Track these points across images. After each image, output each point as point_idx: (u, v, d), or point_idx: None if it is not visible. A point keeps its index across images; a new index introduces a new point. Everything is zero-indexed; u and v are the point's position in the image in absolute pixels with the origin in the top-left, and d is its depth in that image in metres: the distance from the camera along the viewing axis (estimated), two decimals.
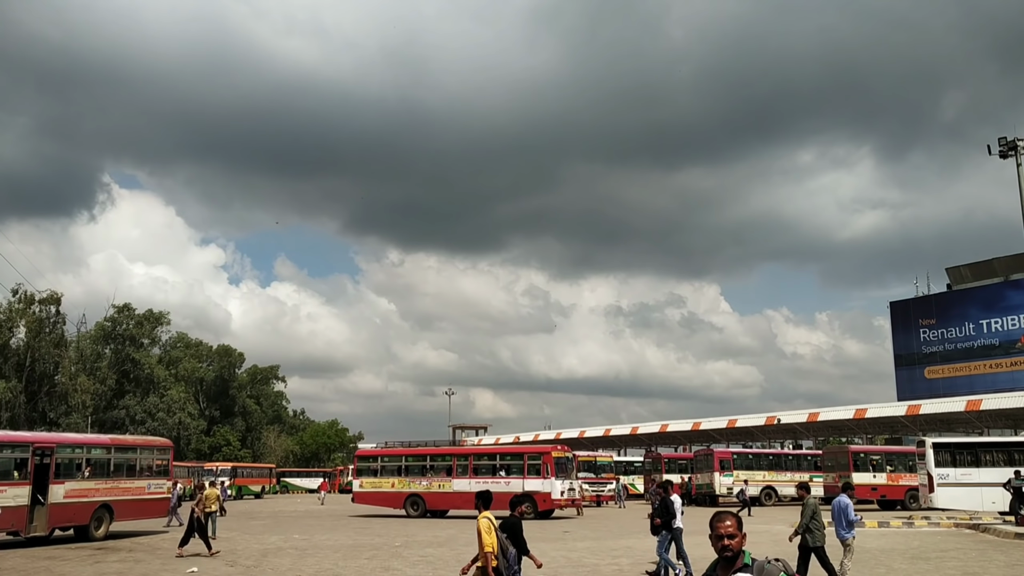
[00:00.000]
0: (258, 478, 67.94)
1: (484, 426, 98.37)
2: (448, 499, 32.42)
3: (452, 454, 35.69)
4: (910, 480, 38.37)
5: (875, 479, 38.86)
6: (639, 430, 65.62)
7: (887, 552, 19.18)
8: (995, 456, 31.53)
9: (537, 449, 34.53)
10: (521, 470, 31.24)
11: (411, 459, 35.62)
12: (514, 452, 35.65)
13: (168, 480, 26.44)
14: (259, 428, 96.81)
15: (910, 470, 39.02)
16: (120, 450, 24.76)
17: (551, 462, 30.50)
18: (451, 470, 32.92)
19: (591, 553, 19.08)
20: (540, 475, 30.45)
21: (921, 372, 57.30)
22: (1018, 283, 49.66)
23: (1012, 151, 28.65)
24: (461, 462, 33.31)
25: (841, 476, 39.02)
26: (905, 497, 38.28)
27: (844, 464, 39.33)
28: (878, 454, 41.45)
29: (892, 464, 39.71)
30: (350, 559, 17.71)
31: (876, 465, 39.46)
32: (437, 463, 34.27)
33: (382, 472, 34.80)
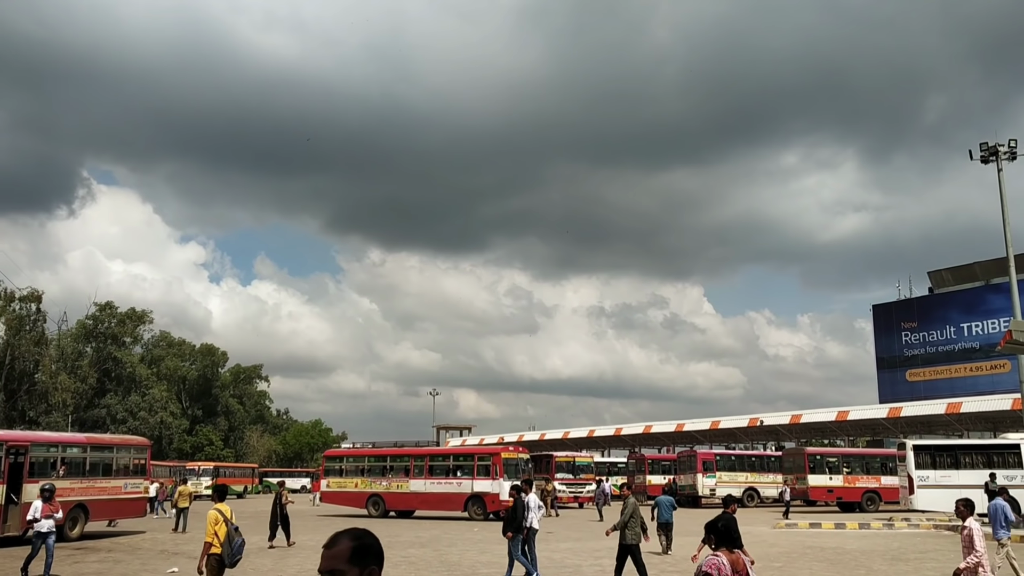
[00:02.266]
0: (240, 478, 67.57)
1: (468, 427, 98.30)
2: (406, 499, 32.83)
3: (410, 455, 36.11)
4: (867, 482, 38.61)
5: (832, 481, 39.02)
6: (623, 431, 65.74)
7: (867, 553, 19.31)
8: (974, 458, 31.80)
9: (487, 450, 34.82)
10: (472, 471, 31.42)
11: (372, 460, 36.42)
12: (466, 453, 36.03)
13: (145, 480, 26.21)
14: (242, 428, 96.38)
15: (867, 472, 39.24)
16: (96, 449, 24.46)
17: (500, 463, 30.68)
18: (409, 471, 33.38)
19: (573, 554, 19.11)
20: (489, 476, 30.57)
21: (903, 375, 57.76)
22: (998, 287, 50.06)
23: (993, 156, 28.81)
24: (418, 463, 33.67)
25: (798, 478, 39.23)
26: (862, 499, 38.46)
27: (801, 466, 39.50)
28: (835, 456, 41.68)
29: (849, 466, 39.89)
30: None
31: (833, 467, 39.60)
32: (396, 464, 34.82)
33: (347, 472, 35.51)
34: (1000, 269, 42.99)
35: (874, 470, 39.92)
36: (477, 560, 17.62)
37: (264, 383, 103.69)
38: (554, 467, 42.47)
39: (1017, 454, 30.52)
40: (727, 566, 5.42)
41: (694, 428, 60.04)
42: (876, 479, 39.32)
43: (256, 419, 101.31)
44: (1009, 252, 28.69)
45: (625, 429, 66.02)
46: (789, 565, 16.95)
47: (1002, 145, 28.75)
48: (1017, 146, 28.80)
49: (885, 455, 42.95)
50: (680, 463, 47.70)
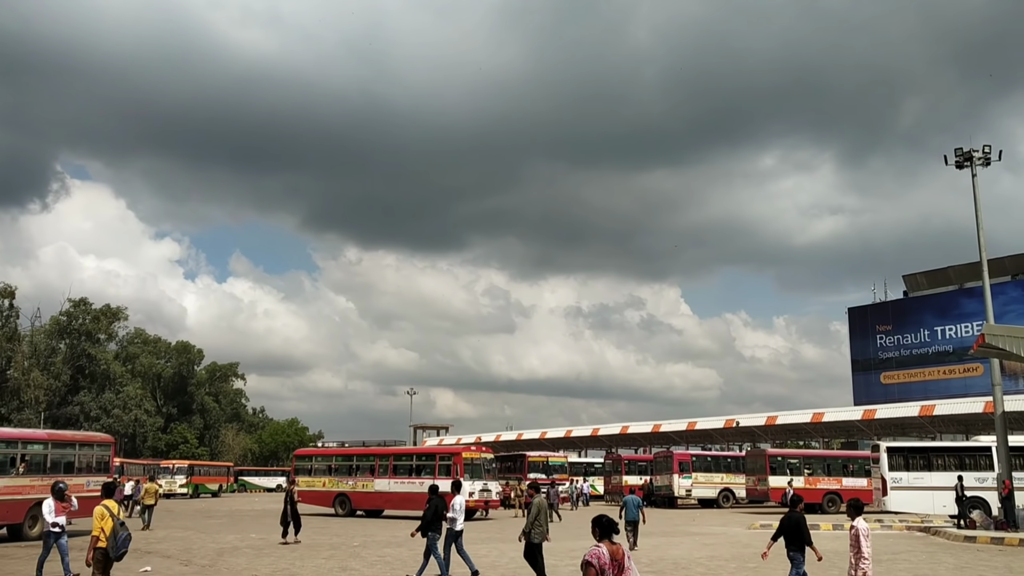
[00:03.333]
0: (215, 476, 67.17)
1: (446, 426, 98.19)
2: (371, 498, 32.89)
3: (375, 455, 36.31)
4: (829, 483, 38.91)
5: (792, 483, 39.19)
6: (600, 431, 65.88)
7: (841, 554, 19.41)
8: (946, 460, 32.11)
9: (448, 450, 34.98)
10: (434, 471, 31.47)
11: (340, 459, 36.80)
12: (427, 453, 36.15)
13: (109, 477, 25.80)
14: (217, 426, 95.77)
15: (829, 474, 39.52)
16: (58, 446, 23.98)
17: (460, 463, 30.77)
18: (374, 470, 33.50)
19: (550, 554, 19.05)
20: (450, 476, 30.59)
21: (877, 377, 58.26)
22: (972, 291, 50.62)
23: (968, 162, 29.09)
24: (383, 462, 33.85)
25: (760, 479, 39.44)
26: (823, 501, 38.69)
27: (762, 467, 39.71)
28: (796, 458, 41.91)
29: (810, 468, 40.14)
30: (307, 559, 17.58)
31: (794, 469, 39.86)
32: (362, 463, 35.02)
33: (316, 472, 35.76)
34: (974, 273, 43.56)
35: (836, 471, 40.18)
36: (453, 560, 17.60)
37: (240, 381, 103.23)
38: (526, 467, 42.35)
39: (988, 456, 30.84)
40: (606, 555, 6.19)
41: (671, 429, 60.27)
42: (838, 480, 39.59)
43: (232, 417, 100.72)
44: (982, 257, 29.00)
45: (602, 430, 66.16)
46: (763, 565, 17.05)
47: (976, 151, 29.03)
48: (991, 152, 29.12)
49: (847, 456, 43.35)
50: (656, 464, 47.86)
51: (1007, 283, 51.24)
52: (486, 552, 19.18)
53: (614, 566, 6.19)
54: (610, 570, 6.15)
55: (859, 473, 39.71)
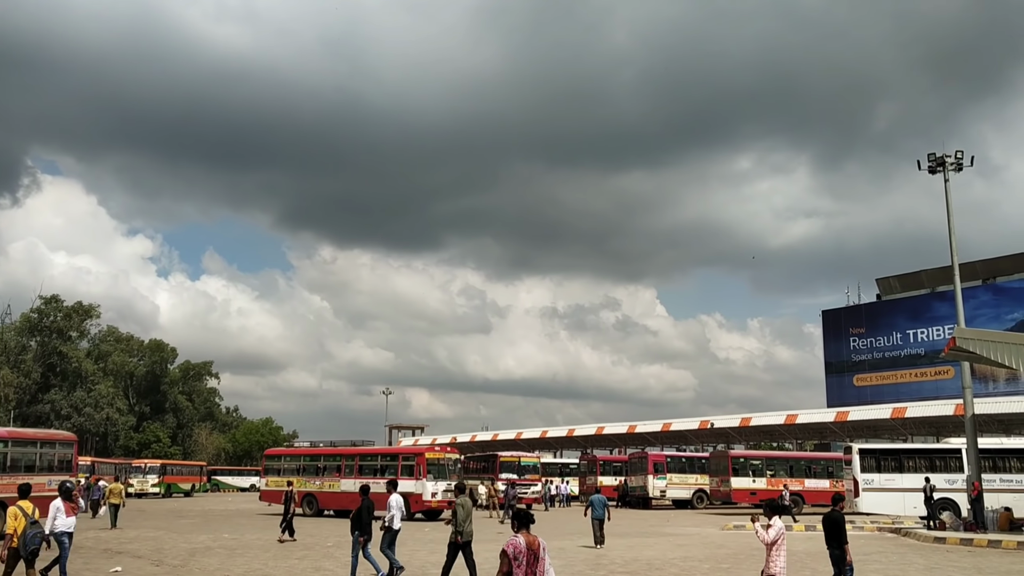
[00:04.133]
0: (188, 476, 66.60)
1: (421, 426, 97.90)
2: (338, 498, 32.74)
3: (341, 455, 36.19)
4: (791, 485, 39.16)
5: (755, 484, 39.60)
6: (575, 432, 65.94)
7: (813, 555, 19.59)
8: (917, 462, 32.44)
9: (412, 450, 34.93)
10: (397, 471, 31.42)
11: (308, 459, 36.62)
12: (391, 453, 36.18)
13: (71, 476, 25.35)
14: (190, 425, 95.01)
15: (791, 475, 39.84)
16: (18, 444, 23.59)
17: (424, 463, 30.79)
18: (340, 470, 33.49)
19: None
20: (414, 476, 30.55)
21: (850, 379, 58.78)
22: (944, 295, 51.19)
23: (940, 167, 29.40)
24: (349, 462, 33.85)
25: (722, 480, 39.69)
26: None
27: (724, 469, 39.95)
28: (758, 459, 42.27)
29: (772, 469, 40.47)
30: (280, 559, 17.48)
31: (756, 470, 40.17)
32: (329, 463, 34.98)
33: (285, 471, 35.73)
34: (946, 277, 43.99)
35: (798, 473, 40.51)
36: (427, 560, 17.56)
37: (214, 380, 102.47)
38: (498, 467, 42.23)
39: (959, 458, 31.21)
40: (522, 545, 6.67)
41: (646, 430, 60.44)
42: (800, 482, 39.89)
43: (205, 416, 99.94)
44: (954, 261, 29.32)
45: (578, 430, 66.22)
46: (737, 566, 17.16)
47: (949, 156, 29.35)
48: (964, 157, 29.45)
49: (809, 458, 43.74)
50: (631, 465, 48.00)
51: (978, 287, 51.89)
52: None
53: (529, 555, 6.65)
54: (524, 558, 6.60)
55: (821, 474, 40.07)
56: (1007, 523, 25.56)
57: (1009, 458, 31.41)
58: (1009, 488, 28.90)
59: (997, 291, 52.45)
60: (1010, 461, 31.26)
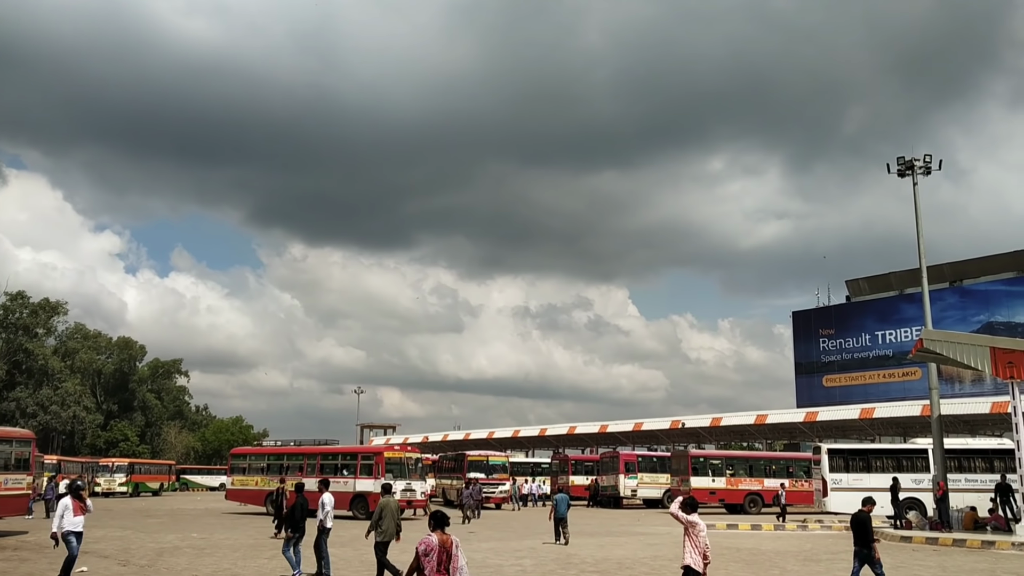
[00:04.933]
0: (157, 475, 65.91)
1: (393, 425, 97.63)
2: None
3: (303, 454, 36.45)
4: (750, 484, 39.52)
5: (714, 483, 39.76)
6: (547, 432, 66.08)
7: (782, 554, 19.76)
8: (885, 462, 32.80)
9: (370, 450, 34.85)
10: (356, 470, 31.46)
11: (272, 458, 36.84)
12: (351, 452, 35.96)
13: (28, 475, 24.78)
14: (159, 423, 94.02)
15: (750, 475, 40.13)
16: None
17: (382, 462, 30.72)
18: (303, 469, 33.35)
19: (495, 554, 19.12)
20: (372, 476, 30.51)
21: (819, 380, 59.33)
22: (912, 297, 51.80)
23: (909, 170, 29.78)
24: (311, 462, 33.86)
25: (682, 480, 39.90)
26: (744, 501, 39.26)
27: (684, 468, 40.13)
28: (718, 459, 42.48)
29: (732, 469, 40.67)
30: (249, 559, 17.35)
31: (716, 470, 40.36)
32: (292, 463, 34.99)
33: (250, 471, 35.83)
34: (914, 279, 44.60)
35: (757, 473, 40.76)
36: (397, 560, 17.48)
37: (183, 378, 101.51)
38: (466, 466, 42.12)
39: (925, 458, 31.61)
40: (435, 543, 7.07)
41: (617, 429, 60.68)
42: (759, 481, 40.18)
43: (174, 415, 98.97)
44: (922, 264, 29.69)
45: (550, 430, 66.37)
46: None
47: (918, 160, 29.73)
48: (932, 161, 29.84)
49: (769, 458, 44.08)
50: (603, 464, 48.13)
51: (945, 290, 52.58)
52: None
53: (441, 552, 7.07)
54: (435, 555, 7.02)
55: (780, 474, 40.37)
56: (972, 523, 25.94)
57: (974, 458, 31.85)
58: (974, 488, 29.29)
59: (964, 294, 53.17)
60: (975, 461, 31.69)
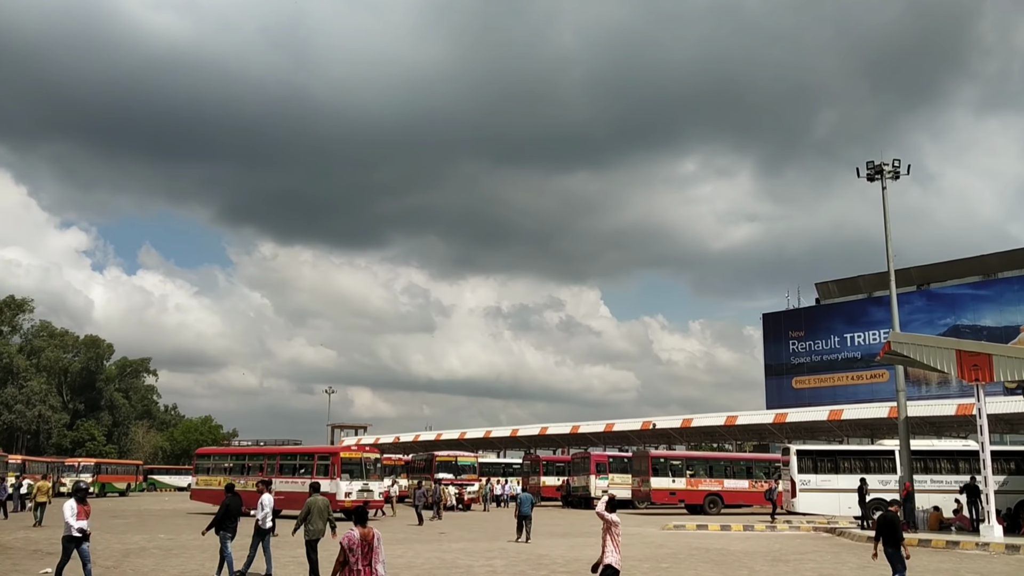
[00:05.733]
0: (124, 475, 65.17)
1: (364, 426, 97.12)
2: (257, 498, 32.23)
3: (263, 454, 36.52)
4: (710, 485, 39.66)
5: (674, 484, 39.77)
6: (519, 432, 66.11)
7: (750, 554, 19.90)
8: (852, 463, 33.13)
9: (327, 450, 34.88)
10: (313, 470, 31.35)
11: (235, 458, 36.95)
12: (308, 452, 35.77)
13: None
14: (127, 423, 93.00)
15: (710, 475, 40.33)
16: None
17: (338, 463, 30.71)
18: (263, 469, 33.34)
19: (465, 554, 19.10)
20: (328, 475, 30.44)
21: (789, 382, 59.88)
22: (880, 300, 52.44)
23: (878, 175, 30.11)
24: (270, 462, 33.88)
25: (643, 480, 40.02)
26: (704, 501, 39.25)
27: (645, 469, 40.19)
28: (678, 459, 42.54)
29: (692, 469, 40.72)
30: (216, 560, 17.17)
31: (676, 470, 40.43)
32: (252, 463, 35.00)
33: (214, 471, 35.75)
34: (882, 283, 45.13)
35: (717, 473, 40.88)
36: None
37: (152, 377, 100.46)
38: (435, 466, 41.94)
39: (892, 460, 31.97)
40: (357, 537, 7.68)
41: (589, 430, 60.84)
42: (719, 482, 40.24)
43: (143, 414, 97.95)
44: (890, 267, 30.03)
45: (521, 430, 66.42)
46: (676, 566, 17.33)
47: (887, 164, 30.06)
48: (900, 166, 30.19)
49: (729, 459, 44.38)
50: (574, 465, 48.19)
51: (913, 293, 53.27)
52: (401, 552, 19.05)
53: (364, 545, 7.69)
54: (359, 548, 7.64)
55: (740, 475, 40.58)
56: (937, 523, 26.28)
57: (939, 460, 32.28)
58: (939, 489, 29.67)
59: (931, 297, 53.91)
60: (940, 463, 32.13)
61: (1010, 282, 50.64)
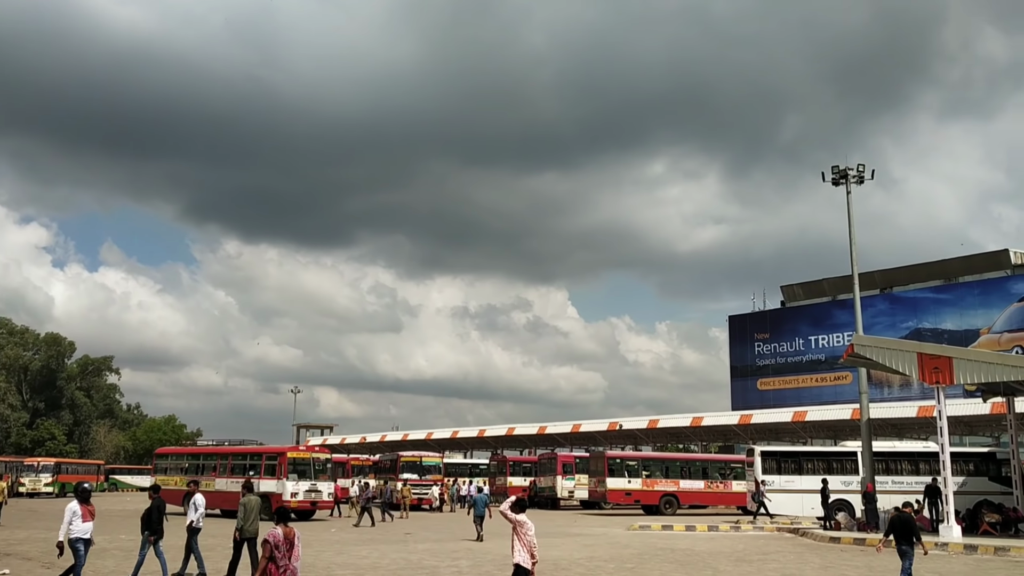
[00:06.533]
0: (84, 475, 64.14)
1: (330, 426, 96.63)
2: (212, 498, 31.79)
3: (216, 453, 36.54)
4: (666, 485, 39.84)
5: (630, 484, 39.80)
6: (486, 433, 66.06)
7: (715, 554, 20.04)
8: (816, 464, 33.51)
9: (274, 450, 34.50)
10: (260, 470, 31.26)
11: (190, 458, 37.08)
12: (256, 452, 35.54)
13: None
14: (88, 422, 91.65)
15: (666, 476, 40.55)
16: None
17: (285, 463, 30.60)
18: (216, 469, 33.41)
19: (431, 555, 19.04)
20: (275, 476, 30.29)
21: (754, 383, 60.42)
22: (844, 303, 53.01)
23: (843, 179, 30.51)
24: (223, 462, 33.86)
25: (599, 481, 40.18)
26: (660, 502, 39.37)
27: (601, 469, 40.31)
28: (634, 460, 42.77)
29: (648, 470, 40.85)
30: (177, 560, 16.96)
31: (632, 471, 40.52)
32: (207, 463, 35.09)
33: (171, 471, 35.73)
34: (846, 286, 45.61)
35: (673, 474, 41.08)
36: (332, 562, 17.34)
37: (114, 376, 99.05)
38: (399, 467, 41.72)
39: (854, 461, 32.36)
40: (280, 535, 8.31)
41: (556, 431, 60.95)
42: (675, 483, 40.41)
43: (105, 413, 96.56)
44: (854, 271, 30.41)
45: (488, 431, 66.36)
46: (641, 566, 17.40)
47: (852, 169, 30.46)
48: (865, 170, 30.59)
49: (684, 459, 44.65)
50: (541, 465, 48.26)
51: (876, 296, 54.03)
52: (367, 553, 18.96)
53: (286, 543, 8.33)
54: (283, 546, 8.28)
55: (697, 475, 40.81)
56: None
57: (900, 461, 32.75)
58: (900, 490, 30.06)
59: (893, 300, 54.67)
60: (901, 464, 32.60)
61: (970, 287, 51.49)
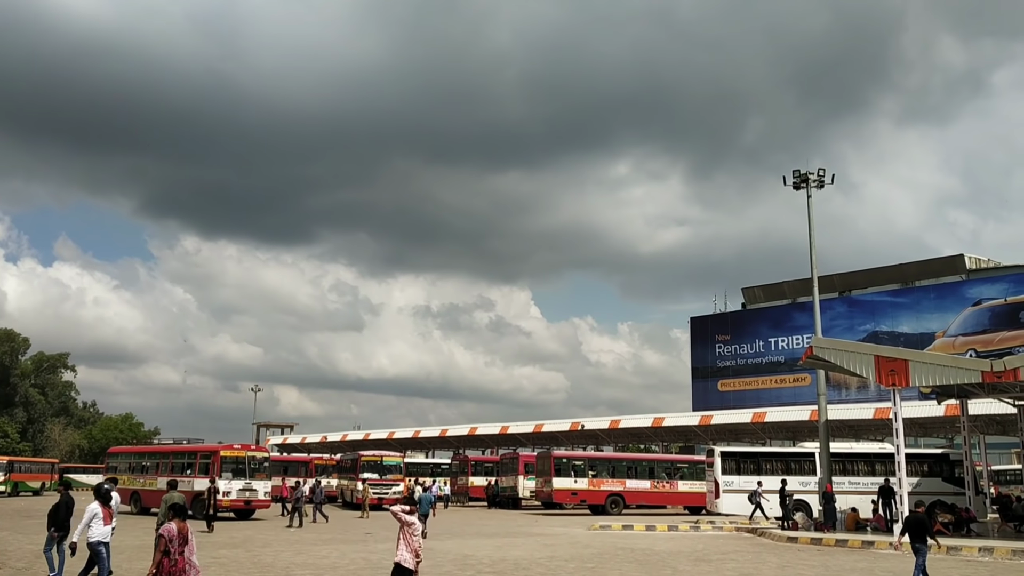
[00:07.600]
0: (38, 474, 63.02)
1: (291, 424, 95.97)
2: (154, 497, 31.50)
3: (158, 452, 36.12)
4: (612, 485, 40.02)
5: (576, 484, 39.86)
6: (448, 432, 65.97)
7: (674, 554, 20.17)
8: (774, 465, 33.91)
9: (208, 448, 34.26)
10: (195, 469, 31.21)
11: (137, 457, 36.82)
12: (191, 451, 35.10)
13: None
14: (42, 420, 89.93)
15: (613, 476, 40.77)
16: None
17: (218, 461, 30.55)
18: (158, 468, 33.36)
19: (391, 555, 18.90)
20: (208, 475, 30.10)
21: (715, 384, 61.01)
22: (803, 305, 53.73)
23: (804, 183, 30.88)
24: (164, 461, 33.80)
25: (545, 481, 40.25)
26: (606, 502, 39.49)
27: (548, 469, 40.31)
28: (581, 460, 42.81)
29: (595, 470, 40.97)
30: (135, 560, 16.76)
31: (578, 470, 40.60)
32: (151, 462, 34.94)
33: (121, 470, 35.65)
34: (806, 289, 46.25)
35: (620, 474, 41.21)
36: (292, 561, 17.20)
37: (70, 373, 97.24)
38: (359, 466, 41.44)
39: (812, 462, 32.79)
40: (174, 530, 8.76)
41: (518, 431, 61.02)
42: (621, 482, 40.47)
43: (60, 411, 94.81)
44: (814, 275, 30.80)
45: (451, 430, 66.28)
46: (601, 566, 17.47)
47: (812, 173, 30.84)
48: (825, 175, 30.99)
49: (631, 459, 44.95)
50: (502, 465, 48.23)
51: (835, 299, 54.82)
52: (326, 553, 18.84)
53: (180, 538, 8.76)
54: (177, 540, 8.73)
55: (643, 475, 40.99)
56: (854, 523, 27.02)
57: (857, 462, 33.26)
58: (856, 490, 30.53)
59: (852, 303, 55.51)
60: (858, 465, 33.11)
61: (926, 290, 52.43)
